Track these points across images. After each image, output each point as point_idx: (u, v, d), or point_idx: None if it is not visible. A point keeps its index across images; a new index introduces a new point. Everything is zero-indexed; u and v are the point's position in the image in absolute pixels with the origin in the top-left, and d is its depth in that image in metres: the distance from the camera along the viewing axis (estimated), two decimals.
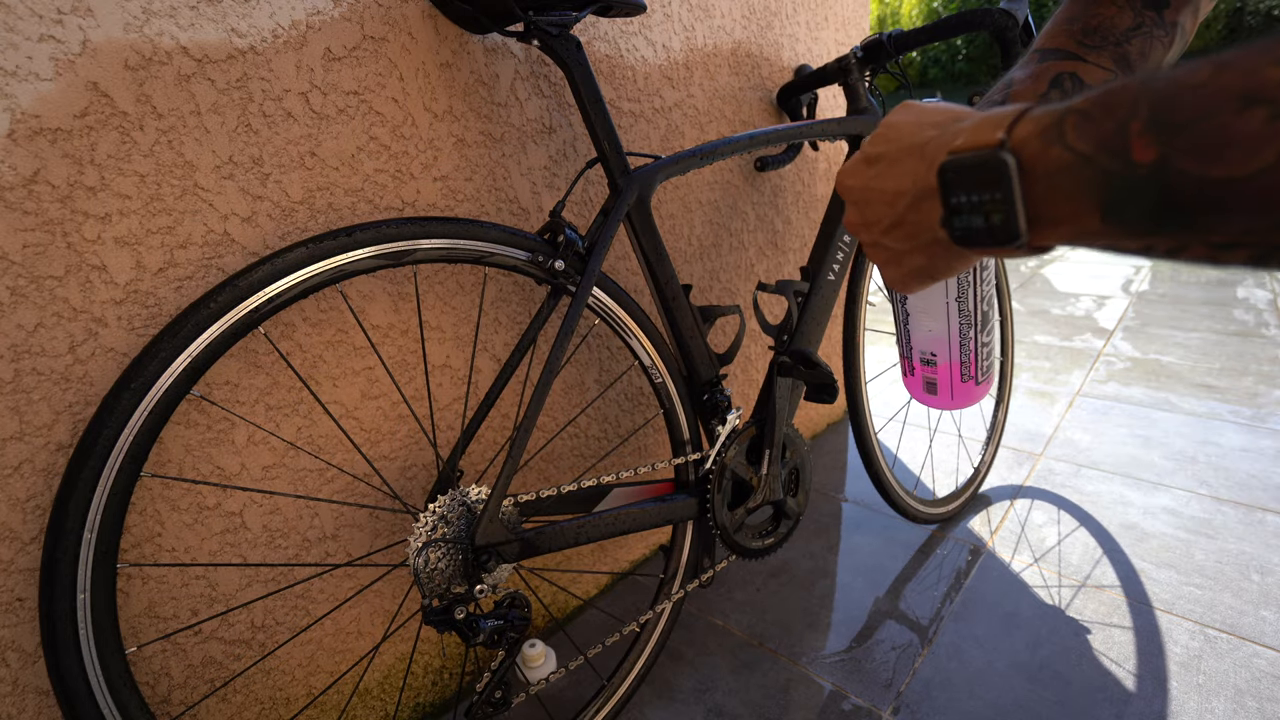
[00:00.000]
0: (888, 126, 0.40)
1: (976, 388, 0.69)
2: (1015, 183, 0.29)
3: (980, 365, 0.69)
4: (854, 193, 0.41)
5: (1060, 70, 0.52)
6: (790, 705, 0.94)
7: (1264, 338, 2.25)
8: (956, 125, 0.34)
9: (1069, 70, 0.51)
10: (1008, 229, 0.30)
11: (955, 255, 0.35)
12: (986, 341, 0.68)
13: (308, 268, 0.62)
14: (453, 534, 0.70)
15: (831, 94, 1.51)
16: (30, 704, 0.60)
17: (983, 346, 0.68)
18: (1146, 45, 0.50)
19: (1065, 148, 0.28)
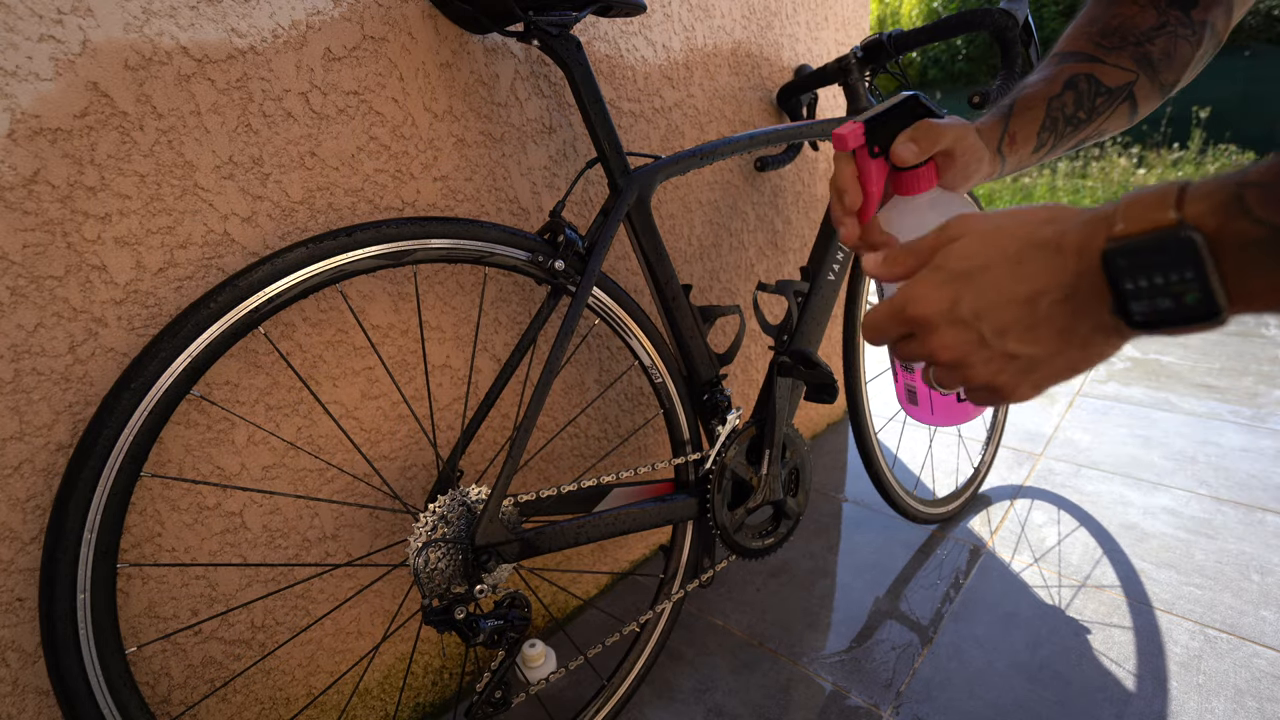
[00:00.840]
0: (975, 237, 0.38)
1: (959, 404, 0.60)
2: (1208, 259, 0.28)
3: None
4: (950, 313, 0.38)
5: (1075, 72, 0.51)
6: (790, 705, 0.94)
7: (1264, 338, 2.25)
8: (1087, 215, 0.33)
9: (1085, 72, 0.51)
10: (1207, 306, 0.29)
11: (1118, 343, 0.34)
12: None
13: (308, 268, 0.62)
14: (453, 534, 0.70)
15: (831, 94, 1.51)
16: (30, 704, 0.60)
17: None
18: (1170, 45, 0.50)
19: (1253, 221, 0.27)
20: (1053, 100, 0.52)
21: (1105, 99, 0.51)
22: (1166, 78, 0.51)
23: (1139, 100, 0.52)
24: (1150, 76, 0.51)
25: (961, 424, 0.61)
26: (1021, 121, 0.52)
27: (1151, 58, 0.50)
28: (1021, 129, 0.52)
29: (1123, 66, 0.51)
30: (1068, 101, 0.52)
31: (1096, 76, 0.51)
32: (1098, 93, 0.51)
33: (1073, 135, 0.53)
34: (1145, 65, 0.51)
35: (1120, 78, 0.51)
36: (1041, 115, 0.52)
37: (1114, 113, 0.53)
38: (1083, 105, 0.52)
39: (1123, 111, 0.53)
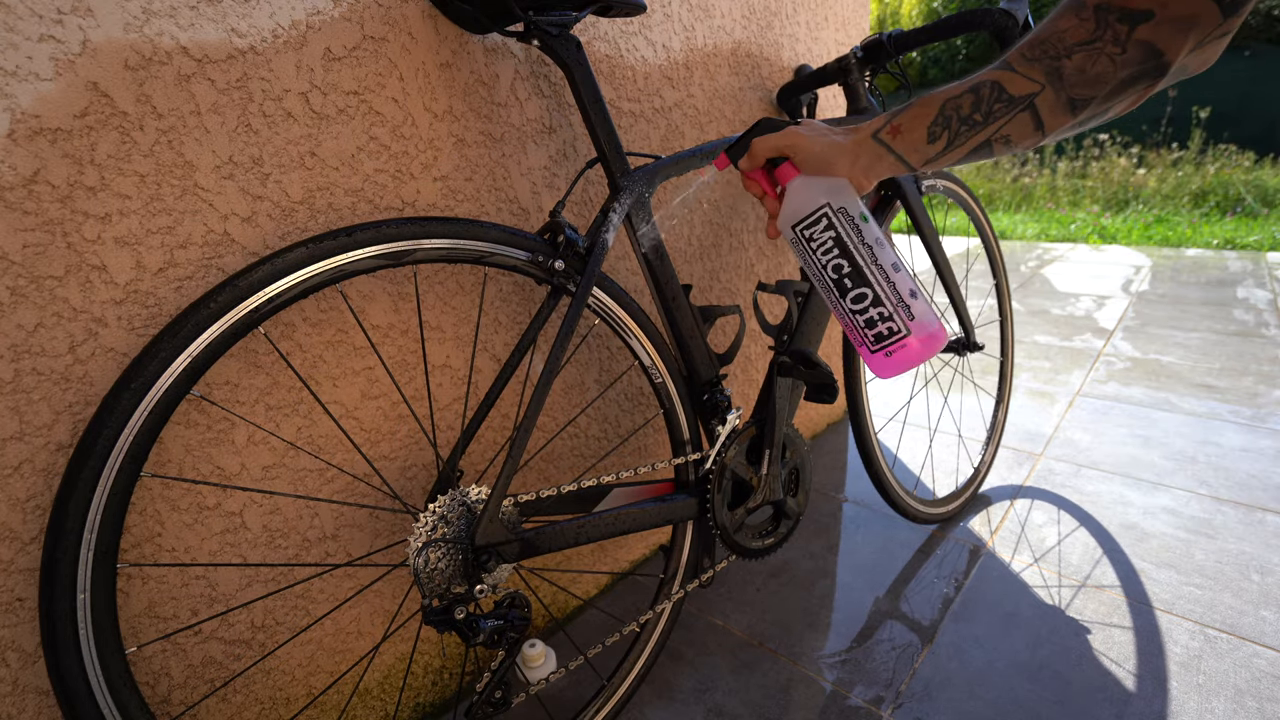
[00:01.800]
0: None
1: (871, 355, 0.66)
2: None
3: (861, 333, 0.66)
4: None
5: (984, 79, 0.56)
6: (790, 705, 0.94)
7: (1264, 338, 2.25)
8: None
9: (993, 79, 0.56)
10: None
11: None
12: (859, 310, 0.65)
13: (308, 268, 0.62)
14: (453, 534, 0.70)
15: (831, 94, 1.51)
16: (30, 704, 0.60)
17: (854, 314, 0.65)
18: (1088, 60, 0.52)
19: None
20: (949, 100, 0.58)
21: (1003, 105, 0.56)
22: (1078, 91, 0.53)
23: (1042, 112, 0.55)
24: (1057, 90, 0.54)
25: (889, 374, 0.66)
26: (910, 115, 0.60)
27: (1063, 72, 0.53)
28: (908, 122, 0.60)
29: (1031, 77, 0.54)
30: (964, 103, 0.57)
31: (1002, 84, 0.56)
32: (997, 99, 0.56)
33: (970, 135, 0.58)
34: (1054, 78, 0.53)
35: (1024, 87, 0.54)
36: (934, 112, 0.59)
37: (1012, 120, 0.56)
38: (979, 109, 0.57)
39: (1023, 121, 0.56)
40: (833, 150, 0.63)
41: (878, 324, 0.64)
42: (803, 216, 0.65)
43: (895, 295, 0.64)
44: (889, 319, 0.64)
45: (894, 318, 0.64)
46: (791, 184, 0.66)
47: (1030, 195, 5.88)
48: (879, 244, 0.65)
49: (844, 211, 0.64)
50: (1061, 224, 4.93)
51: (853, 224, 0.64)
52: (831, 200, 0.64)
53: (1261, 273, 3.20)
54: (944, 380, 2.04)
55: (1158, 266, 3.51)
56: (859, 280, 0.64)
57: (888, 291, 0.64)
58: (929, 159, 0.60)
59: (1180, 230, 4.36)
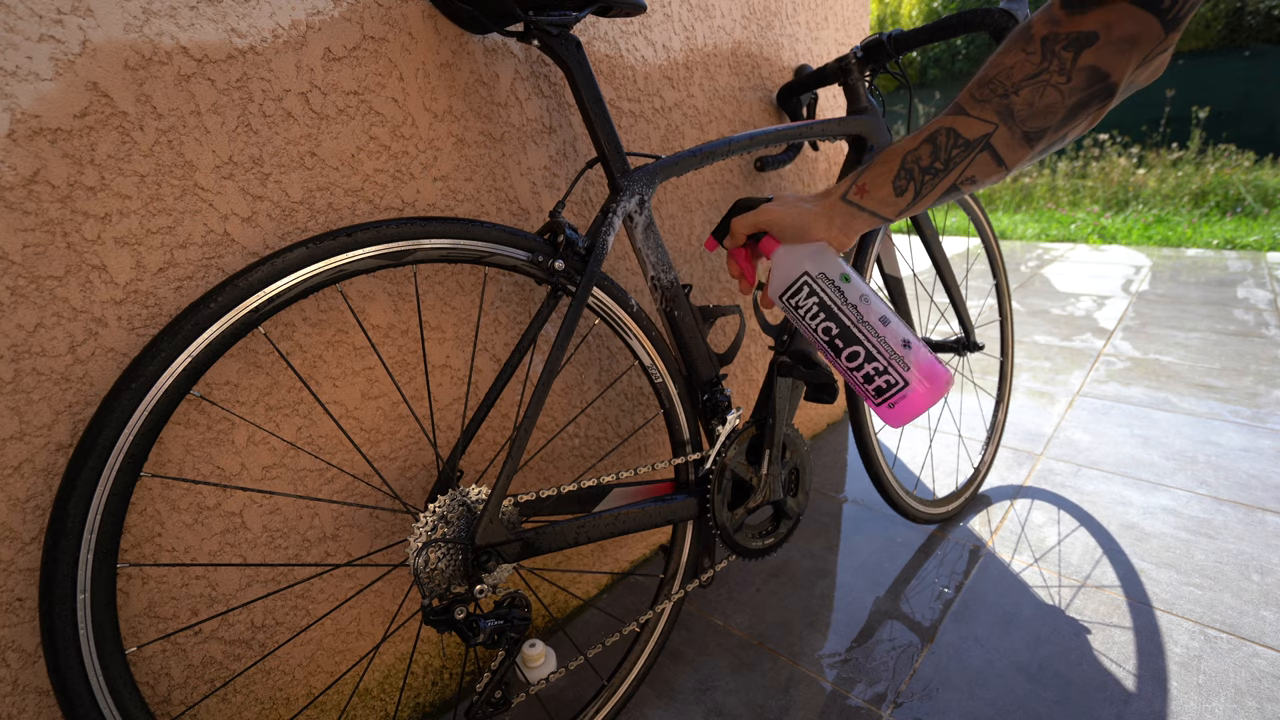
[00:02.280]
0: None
1: (876, 407, 0.68)
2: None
3: (862, 388, 0.67)
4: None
5: (939, 126, 0.58)
6: (790, 705, 0.94)
7: (1264, 338, 2.25)
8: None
9: (947, 126, 0.57)
10: None
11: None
12: (855, 367, 0.66)
13: (308, 268, 0.62)
14: (453, 534, 0.70)
15: (831, 94, 1.51)
16: (30, 704, 0.60)
17: (851, 371, 0.67)
18: (1036, 94, 0.53)
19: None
20: (909, 154, 0.60)
21: (961, 150, 0.57)
22: (1030, 124, 0.54)
23: (1000, 149, 0.56)
24: (1010, 126, 0.55)
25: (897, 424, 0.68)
26: (874, 173, 0.62)
27: (1014, 109, 0.54)
28: (873, 180, 0.62)
29: (983, 118, 0.55)
30: (923, 154, 0.59)
31: (956, 129, 0.57)
32: (954, 145, 0.57)
33: (936, 182, 0.59)
34: (1006, 116, 0.54)
35: (978, 129, 0.56)
36: (896, 167, 0.61)
37: (973, 162, 0.57)
38: (939, 157, 0.58)
39: (984, 161, 0.57)
40: (807, 218, 0.66)
41: (875, 379, 0.66)
42: (787, 286, 0.68)
43: (887, 349, 0.65)
44: (885, 373, 0.65)
45: (889, 370, 0.65)
46: (774, 255, 0.70)
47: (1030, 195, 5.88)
48: (864, 301, 0.66)
49: (824, 276, 0.66)
50: (1061, 224, 4.93)
51: (834, 287, 0.66)
52: (810, 268, 0.67)
53: (1261, 273, 3.20)
54: None
55: (1158, 266, 3.51)
56: (849, 339, 0.66)
57: (879, 346, 0.65)
58: (901, 210, 0.62)
59: (1180, 230, 4.36)
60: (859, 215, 0.64)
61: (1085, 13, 0.49)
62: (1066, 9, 0.51)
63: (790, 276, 0.68)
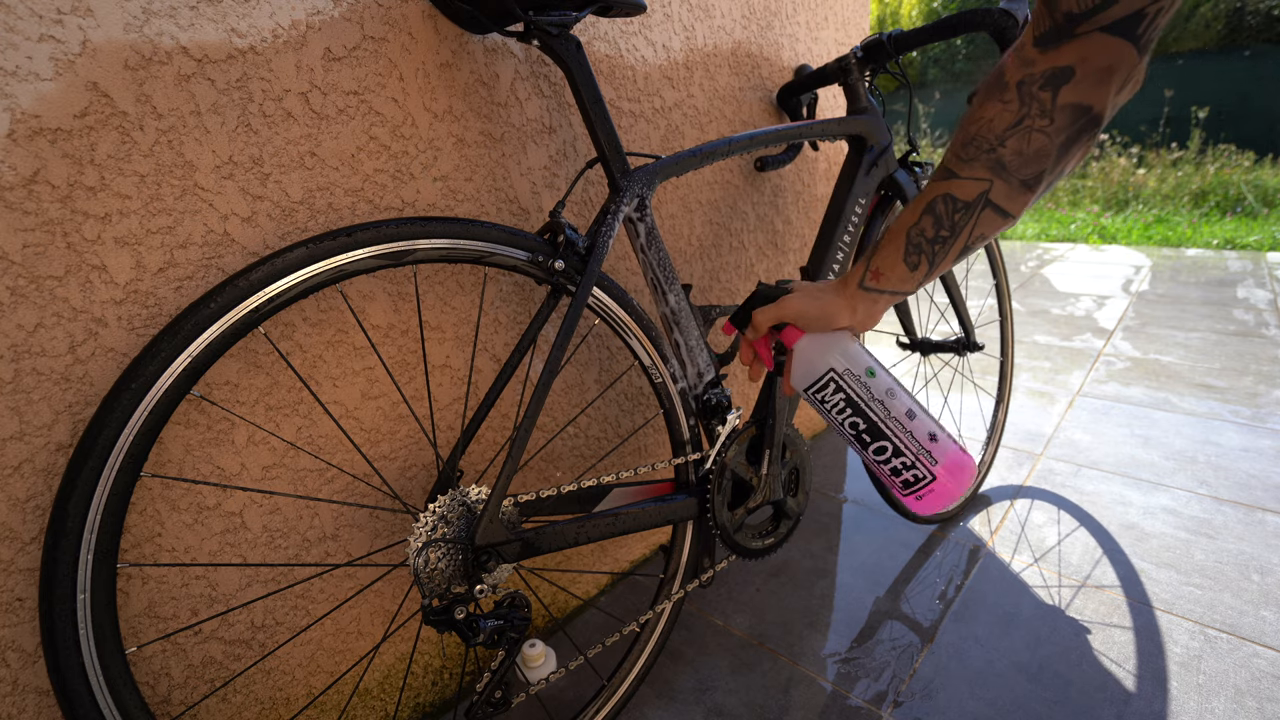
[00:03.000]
0: None
1: (904, 497, 0.67)
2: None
3: (890, 480, 0.67)
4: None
5: (935, 195, 0.57)
6: (790, 705, 0.94)
7: (1264, 338, 2.25)
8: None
9: (942, 192, 0.57)
10: None
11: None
12: (882, 460, 0.66)
13: (308, 268, 0.62)
14: (453, 534, 0.70)
15: (831, 94, 1.51)
16: (30, 704, 0.60)
17: (879, 464, 0.66)
18: (1023, 142, 0.52)
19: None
20: (912, 228, 0.59)
21: (963, 214, 0.57)
22: (1025, 173, 0.53)
23: (1001, 203, 0.55)
24: (1005, 179, 0.54)
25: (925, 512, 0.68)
26: (884, 255, 0.62)
27: (1004, 161, 0.53)
28: (884, 262, 0.62)
29: (976, 177, 0.55)
30: (927, 227, 0.58)
31: (952, 194, 0.56)
32: (955, 209, 0.57)
33: (948, 248, 0.59)
34: (999, 170, 0.54)
35: (973, 189, 0.55)
36: (904, 244, 0.60)
37: (978, 221, 0.57)
38: (944, 224, 0.58)
39: (988, 217, 0.56)
40: (831, 309, 0.66)
41: (903, 472, 0.65)
42: (813, 381, 0.67)
43: (915, 444, 0.64)
44: (912, 467, 0.64)
45: (917, 465, 0.64)
46: (797, 346, 0.68)
47: None
48: (890, 395, 0.65)
49: (850, 372, 0.65)
50: (1061, 224, 4.93)
51: (860, 383, 0.65)
52: (835, 364, 0.66)
53: (1261, 273, 3.20)
54: (944, 380, 2.04)
55: (1158, 266, 3.51)
56: (876, 435, 0.65)
57: (907, 442, 0.64)
58: (921, 282, 0.62)
59: (1180, 230, 4.36)
60: (880, 298, 0.64)
61: (1060, 47, 0.48)
62: (1039, 46, 0.49)
63: (816, 371, 0.67)
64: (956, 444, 0.66)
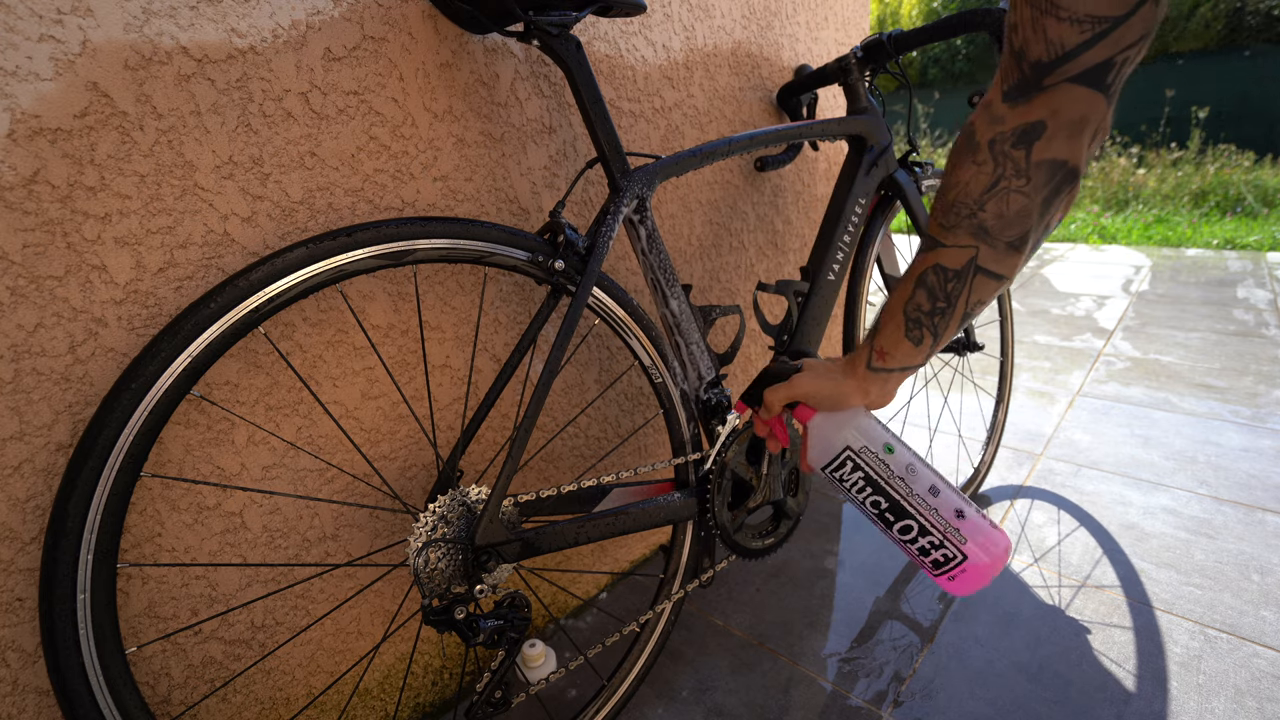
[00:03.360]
0: None
1: (936, 578, 0.64)
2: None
3: (919, 560, 0.64)
4: None
5: (925, 266, 0.57)
6: (790, 705, 0.94)
7: (1264, 338, 2.25)
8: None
9: (932, 263, 0.56)
10: None
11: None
12: (909, 540, 0.63)
13: (308, 268, 0.62)
14: (453, 534, 0.70)
15: (831, 94, 1.51)
16: (30, 704, 0.60)
17: (906, 543, 0.64)
18: (1002, 204, 0.51)
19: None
20: (908, 304, 0.59)
21: (956, 282, 0.56)
22: (1009, 235, 0.52)
23: (991, 268, 0.54)
24: (990, 243, 0.53)
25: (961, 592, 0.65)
26: (886, 335, 0.61)
27: (986, 226, 0.52)
28: (887, 342, 0.62)
29: (961, 244, 0.54)
30: (922, 300, 0.58)
31: (942, 264, 0.56)
32: (947, 280, 0.56)
33: (948, 318, 0.58)
34: (982, 235, 0.53)
35: (962, 257, 0.54)
36: (902, 321, 0.60)
37: (972, 288, 0.56)
38: (938, 296, 0.57)
39: (982, 282, 0.55)
40: (842, 389, 0.65)
41: (931, 552, 0.63)
42: (829, 459, 0.66)
43: (941, 521, 0.62)
44: (941, 546, 0.62)
45: (945, 545, 0.62)
46: (811, 424, 0.68)
47: None
48: (911, 472, 0.63)
49: (866, 450, 0.64)
50: (1061, 224, 4.93)
51: (878, 460, 0.63)
52: (851, 443, 0.64)
53: (1261, 273, 3.20)
54: (944, 380, 2.04)
55: (1158, 266, 3.51)
56: (900, 514, 0.63)
57: (932, 520, 0.62)
58: (929, 353, 0.61)
59: (1180, 230, 4.36)
60: (891, 376, 0.63)
61: (1029, 100, 0.47)
62: (1008, 101, 0.48)
63: (832, 449, 0.65)
64: (986, 519, 0.63)
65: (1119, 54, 0.43)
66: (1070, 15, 0.43)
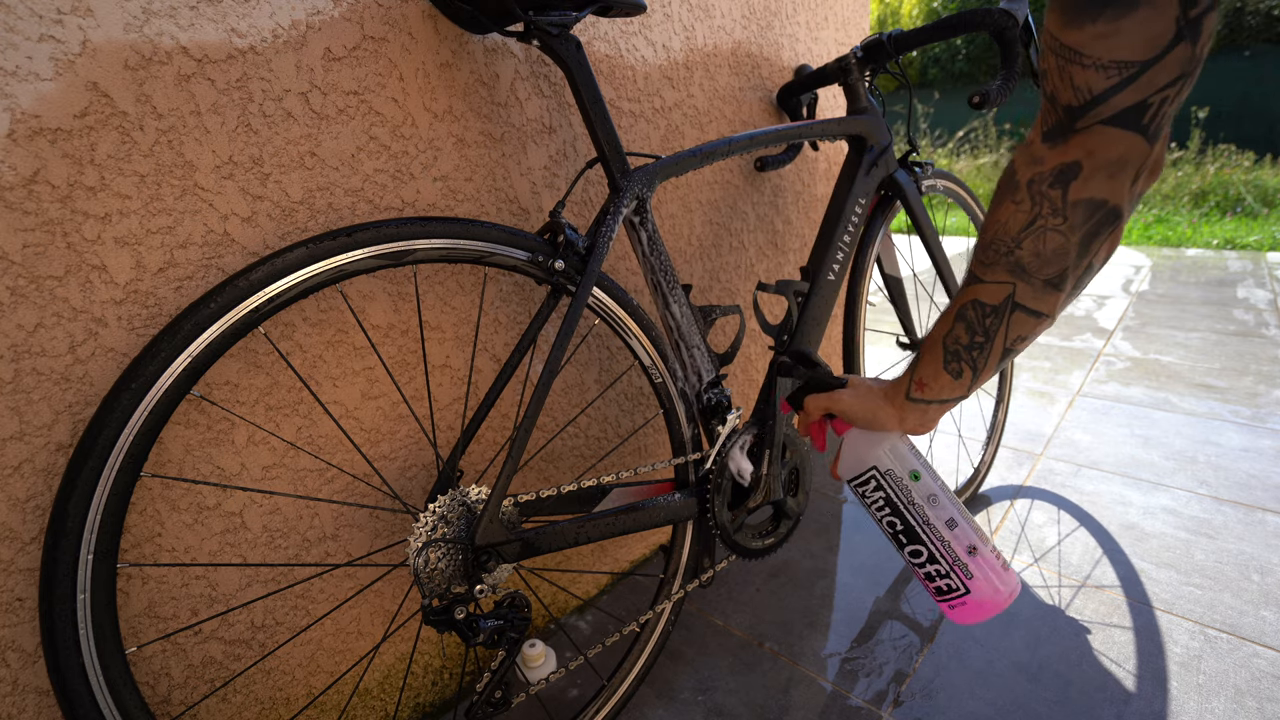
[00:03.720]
0: None
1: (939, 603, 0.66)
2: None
3: (925, 583, 0.67)
4: None
5: (964, 302, 0.58)
6: (790, 705, 0.94)
7: (1264, 338, 2.25)
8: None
9: (971, 299, 0.57)
10: None
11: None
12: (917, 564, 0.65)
13: (308, 268, 0.62)
14: (453, 534, 0.70)
15: (831, 94, 1.51)
16: (30, 704, 0.60)
17: (915, 566, 0.66)
18: (1039, 243, 0.51)
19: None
20: (947, 336, 0.60)
21: (994, 318, 0.56)
22: (1045, 273, 0.52)
23: (1029, 304, 0.55)
24: (1027, 280, 0.53)
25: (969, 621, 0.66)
26: (925, 366, 0.62)
27: (1023, 263, 0.53)
28: (926, 373, 0.62)
29: (999, 281, 0.55)
30: (960, 334, 0.59)
31: (980, 299, 0.56)
32: (985, 315, 0.57)
33: (987, 353, 0.59)
34: (1019, 272, 0.53)
35: (999, 294, 0.55)
36: (941, 353, 0.60)
37: (1011, 323, 0.56)
38: (977, 330, 0.58)
39: (1020, 319, 0.56)
40: (882, 415, 0.66)
41: (936, 579, 0.65)
42: (856, 474, 0.67)
43: (951, 554, 0.64)
44: (946, 576, 0.64)
45: (951, 575, 0.63)
46: (847, 437, 0.70)
47: None
48: (932, 502, 0.65)
49: (892, 474, 0.65)
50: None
51: (901, 485, 0.65)
52: (879, 463, 0.66)
53: (1261, 273, 3.20)
54: None
55: (1158, 266, 3.51)
56: (913, 538, 0.65)
57: (943, 550, 0.64)
58: (971, 386, 0.62)
59: (1180, 230, 4.36)
60: (930, 408, 0.64)
61: (1066, 142, 0.47)
62: (1047, 142, 0.49)
63: (861, 465, 0.67)
64: (998, 560, 0.64)
65: (1153, 95, 0.43)
66: (1095, 62, 0.43)
